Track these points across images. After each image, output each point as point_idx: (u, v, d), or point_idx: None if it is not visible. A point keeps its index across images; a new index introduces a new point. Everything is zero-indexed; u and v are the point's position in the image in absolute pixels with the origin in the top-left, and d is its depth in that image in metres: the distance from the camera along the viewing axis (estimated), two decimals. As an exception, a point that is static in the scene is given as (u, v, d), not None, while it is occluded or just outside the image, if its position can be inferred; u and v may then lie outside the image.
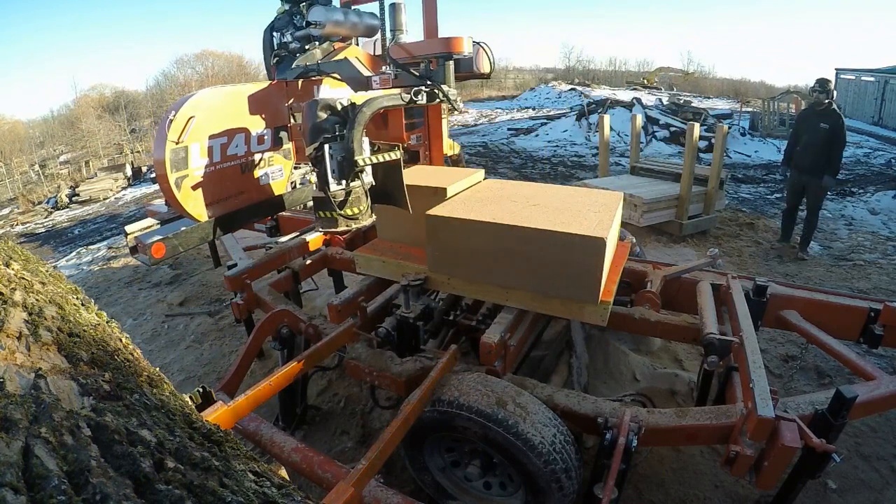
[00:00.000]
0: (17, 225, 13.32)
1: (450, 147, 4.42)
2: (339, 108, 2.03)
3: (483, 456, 1.99)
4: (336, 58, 2.91)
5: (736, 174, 9.77)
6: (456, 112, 3.08)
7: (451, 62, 2.36)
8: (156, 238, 2.42)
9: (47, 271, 1.09)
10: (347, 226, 2.11)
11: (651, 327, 2.37)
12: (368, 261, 2.58)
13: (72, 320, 0.86)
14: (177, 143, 2.31)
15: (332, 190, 2.01)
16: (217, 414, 1.63)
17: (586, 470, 1.96)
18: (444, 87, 2.35)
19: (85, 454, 0.49)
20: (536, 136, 15.04)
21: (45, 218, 13.75)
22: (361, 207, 2.11)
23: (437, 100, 2.34)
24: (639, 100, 16.63)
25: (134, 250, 2.43)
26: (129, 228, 2.52)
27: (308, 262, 3.13)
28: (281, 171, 3.01)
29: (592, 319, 2.03)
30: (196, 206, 2.50)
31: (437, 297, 2.66)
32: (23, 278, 0.88)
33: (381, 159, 2.11)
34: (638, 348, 3.25)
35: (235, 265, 3.03)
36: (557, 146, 13.58)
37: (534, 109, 21.87)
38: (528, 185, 2.74)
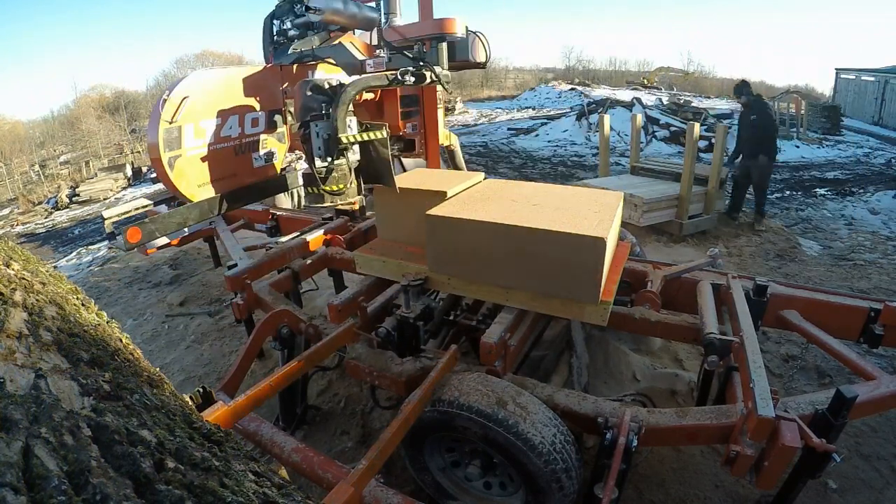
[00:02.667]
0: (17, 225, 13.32)
1: (446, 137, 4.43)
2: (327, 87, 2.08)
3: (483, 456, 1.99)
4: (333, 43, 2.97)
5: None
6: (448, 93, 3.15)
7: (444, 44, 2.41)
8: (131, 224, 2.40)
9: (47, 271, 1.09)
10: (332, 201, 2.19)
11: (651, 327, 2.37)
12: (369, 261, 2.57)
13: (72, 320, 0.86)
14: (170, 123, 2.32)
15: (317, 167, 2.09)
16: (217, 414, 1.63)
17: (586, 470, 1.96)
18: (437, 69, 2.40)
19: (85, 454, 0.49)
20: (536, 135, 15.04)
21: (46, 218, 13.75)
22: (346, 184, 2.18)
23: (426, 81, 2.39)
24: (639, 99, 16.63)
25: (111, 236, 2.47)
26: (105, 213, 2.51)
27: (308, 262, 3.13)
28: (274, 155, 3.03)
29: (593, 319, 2.03)
30: (188, 186, 2.51)
31: (438, 297, 2.66)
32: (23, 278, 0.88)
33: (367, 137, 2.15)
34: (638, 348, 3.25)
35: (236, 265, 3.03)
36: (557, 146, 13.58)
37: (534, 109, 21.87)
38: (529, 185, 2.74)
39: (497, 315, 2.20)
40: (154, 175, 16.22)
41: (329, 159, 2.10)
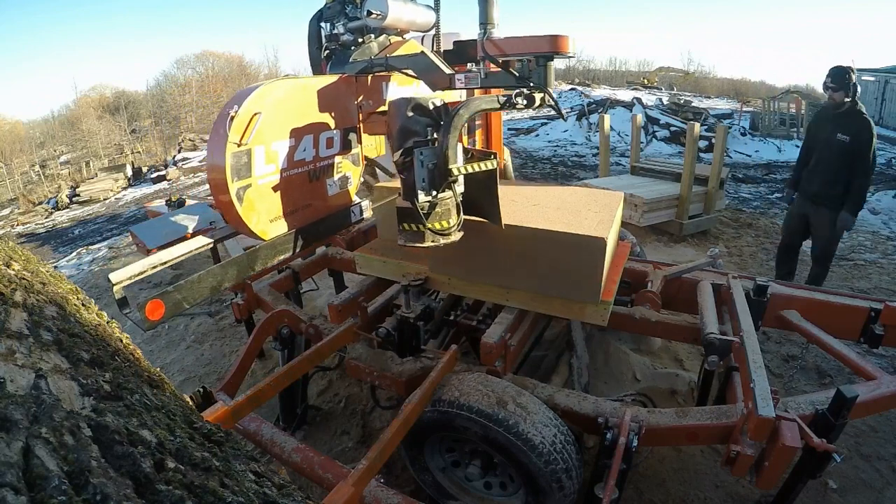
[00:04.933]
0: (17, 225, 13.33)
1: (502, 153, 4.27)
2: (432, 108, 1.79)
3: (483, 456, 1.99)
4: (402, 51, 2.61)
5: (736, 174, 9.77)
6: (563, 120, 2.68)
7: (552, 63, 2.00)
8: (150, 294, 1.90)
9: (48, 271, 1.09)
10: (434, 241, 1.85)
11: (651, 327, 2.37)
12: (369, 261, 2.57)
13: (72, 320, 0.86)
14: (239, 146, 1.93)
15: (420, 201, 1.77)
16: (217, 414, 1.63)
17: (587, 470, 1.96)
18: (549, 90, 2.05)
19: (85, 454, 0.49)
20: (537, 135, 15.05)
21: (46, 218, 13.76)
22: (451, 221, 1.87)
23: (536, 104, 2.04)
24: (639, 99, 16.63)
25: (123, 303, 1.87)
26: (113, 277, 1.91)
27: (308, 262, 3.13)
28: (349, 180, 2.62)
29: (593, 319, 2.03)
30: (260, 221, 2.12)
31: (438, 297, 2.66)
32: (23, 278, 0.88)
33: (476, 168, 1.85)
34: (638, 348, 3.25)
35: (236, 265, 3.02)
36: (558, 146, 13.58)
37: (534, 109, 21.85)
38: (529, 185, 2.74)
39: (497, 315, 2.20)
40: (154, 175, 16.23)
41: (434, 192, 1.79)
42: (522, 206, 2.26)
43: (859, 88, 3.59)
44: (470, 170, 1.83)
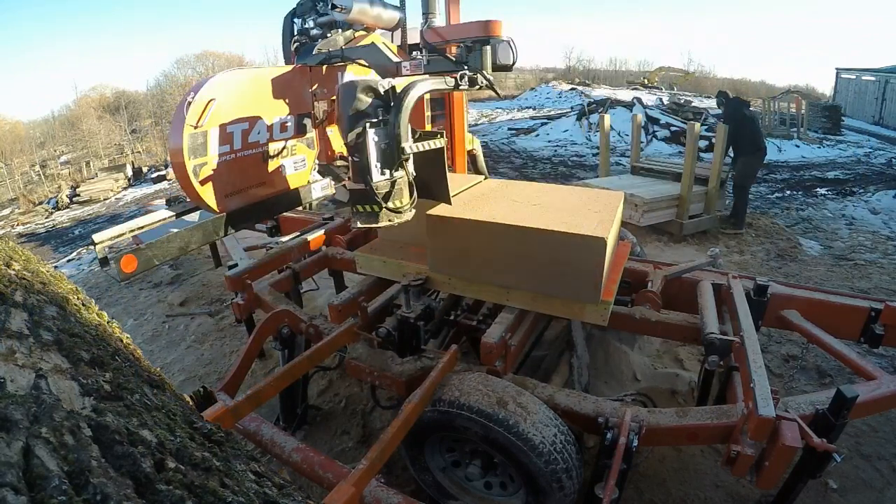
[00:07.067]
0: (17, 225, 13.34)
1: (469, 141, 4.35)
2: (382, 90, 1.85)
3: (484, 456, 1.99)
4: (361, 43, 2.77)
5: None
6: (499, 97, 2.88)
7: (489, 48, 2.14)
8: (126, 249, 2.15)
9: (48, 271, 1.09)
10: (390, 220, 1.93)
11: (652, 327, 2.37)
12: (369, 261, 2.58)
13: (73, 320, 0.86)
14: (195, 128, 2.15)
15: (375, 181, 1.83)
16: (218, 414, 1.63)
17: (587, 470, 1.96)
18: (486, 73, 2.18)
19: (85, 454, 0.49)
20: (537, 135, 15.04)
21: (46, 218, 13.76)
22: (405, 200, 1.94)
23: (477, 86, 2.16)
24: (639, 99, 16.62)
25: (104, 262, 2.13)
26: (96, 237, 2.14)
27: (308, 262, 3.13)
28: (304, 162, 2.83)
29: (593, 319, 2.03)
30: (214, 196, 2.34)
31: (438, 296, 2.66)
32: (23, 278, 0.88)
33: (426, 147, 1.93)
34: (639, 348, 3.25)
35: (236, 265, 3.03)
36: (558, 146, 13.57)
37: (534, 109, 21.86)
38: (529, 185, 2.74)
39: (497, 315, 2.20)
40: (154, 175, 16.24)
41: (387, 172, 1.85)
42: (523, 205, 2.26)
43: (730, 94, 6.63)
44: (421, 148, 1.91)
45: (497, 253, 2.08)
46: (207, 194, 2.30)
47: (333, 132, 2.88)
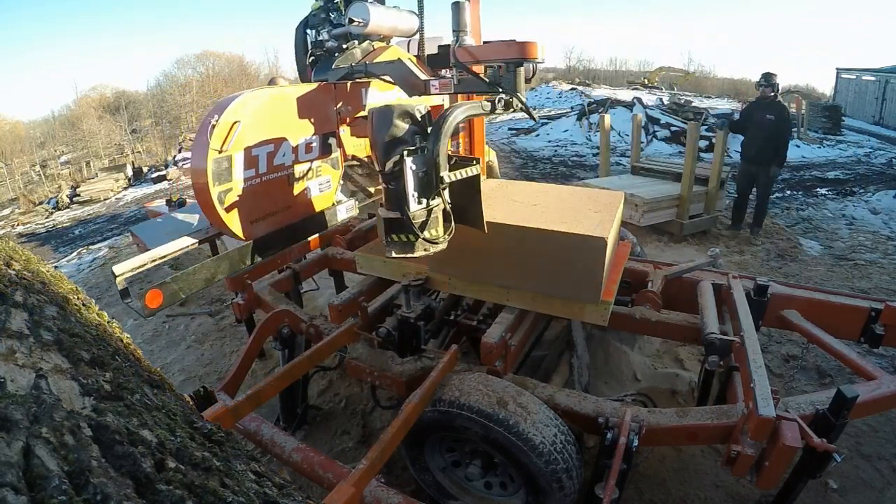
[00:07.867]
0: (18, 225, 13.35)
1: (487, 153, 4.30)
2: (419, 116, 1.79)
3: (484, 456, 1.99)
4: (382, 58, 2.64)
5: (737, 174, 9.75)
6: (535, 122, 2.76)
7: (522, 68, 2.05)
8: (150, 285, 2.06)
9: (48, 271, 1.09)
10: (426, 250, 1.85)
11: (652, 327, 2.37)
12: (369, 261, 2.58)
13: (73, 320, 0.86)
14: (220, 152, 2.03)
15: (412, 210, 1.75)
16: (218, 414, 1.63)
17: (587, 470, 1.96)
18: (520, 96, 2.10)
19: (86, 454, 0.49)
20: (537, 135, 15.03)
21: (46, 218, 13.77)
22: (440, 229, 1.86)
23: (513, 109, 2.09)
24: (639, 99, 16.60)
25: (125, 294, 2.02)
26: (117, 269, 2.03)
27: (309, 262, 3.13)
28: (329, 182, 2.71)
29: (593, 319, 2.03)
30: (240, 223, 2.23)
31: (438, 297, 2.66)
32: (24, 278, 0.88)
33: (462, 175, 1.84)
34: (639, 348, 3.25)
35: (236, 265, 3.02)
36: (558, 146, 13.57)
37: (534, 109, 21.86)
38: (529, 185, 2.74)
39: (498, 315, 2.20)
40: (154, 175, 16.25)
41: (424, 201, 1.77)
42: (523, 205, 2.26)
43: (780, 86, 5.73)
44: (458, 176, 1.82)
45: (497, 253, 2.08)
46: (233, 221, 2.20)
47: (345, 133, 2.78)
